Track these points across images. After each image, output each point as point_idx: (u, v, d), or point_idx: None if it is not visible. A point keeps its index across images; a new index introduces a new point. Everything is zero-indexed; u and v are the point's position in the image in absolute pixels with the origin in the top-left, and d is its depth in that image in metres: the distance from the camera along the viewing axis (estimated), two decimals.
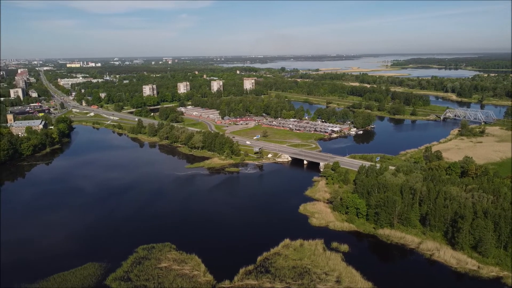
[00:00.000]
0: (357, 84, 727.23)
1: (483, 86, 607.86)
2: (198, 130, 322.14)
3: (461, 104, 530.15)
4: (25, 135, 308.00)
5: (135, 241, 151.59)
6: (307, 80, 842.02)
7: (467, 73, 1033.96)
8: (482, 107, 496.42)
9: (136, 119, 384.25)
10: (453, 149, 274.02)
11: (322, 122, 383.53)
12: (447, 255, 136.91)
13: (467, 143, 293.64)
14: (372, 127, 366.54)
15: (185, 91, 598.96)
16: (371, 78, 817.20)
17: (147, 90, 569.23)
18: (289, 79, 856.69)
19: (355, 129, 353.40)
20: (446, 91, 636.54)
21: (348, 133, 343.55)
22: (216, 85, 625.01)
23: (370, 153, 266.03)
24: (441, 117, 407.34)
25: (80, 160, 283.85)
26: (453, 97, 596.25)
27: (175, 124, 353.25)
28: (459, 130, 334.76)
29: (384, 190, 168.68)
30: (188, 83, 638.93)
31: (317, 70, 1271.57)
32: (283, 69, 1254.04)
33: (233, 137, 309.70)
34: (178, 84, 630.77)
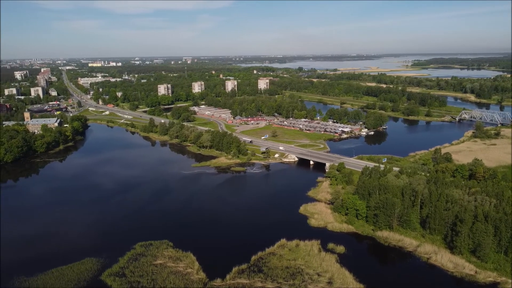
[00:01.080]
0: (373, 84, 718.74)
1: (504, 87, 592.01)
2: (207, 129, 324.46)
3: (479, 105, 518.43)
4: (41, 132, 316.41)
5: (134, 237, 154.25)
6: (323, 80, 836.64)
7: (490, 73, 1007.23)
8: (501, 108, 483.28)
9: (149, 118, 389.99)
10: (465, 151, 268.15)
11: (334, 122, 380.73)
12: (444, 259, 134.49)
13: (480, 145, 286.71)
14: (384, 128, 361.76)
15: (200, 90, 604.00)
16: (389, 78, 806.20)
17: (162, 89, 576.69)
18: (305, 79, 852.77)
19: (366, 129, 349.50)
20: (465, 92, 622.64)
21: (358, 134, 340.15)
22: (230, 85, 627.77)
23: (379, 154, 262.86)
24: (457, 119, 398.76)
25: (90, 158, 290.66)
26: (472, 98, 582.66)
27: (186, 123, 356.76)
28: (473, 132, 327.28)
29: (384, 192, 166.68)
30: (202, 83, 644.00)
31: (335, 70, 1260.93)
32: (300, 69, 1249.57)
33: (241, 137, 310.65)
34: (193, 83, 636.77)
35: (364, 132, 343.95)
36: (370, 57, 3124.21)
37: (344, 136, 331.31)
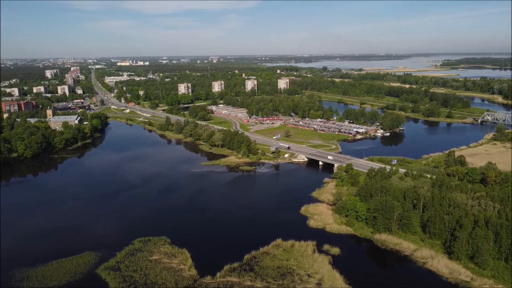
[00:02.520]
0: (397, 84, 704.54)
1: None
2: (220, 128, 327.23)
3: (507, 107, 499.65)
4: (61, 129, 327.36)
5: (134, 233, 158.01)
6: (346, 80, 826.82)
7: None
8: None
9: (168, 117, 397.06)
10: (481, 154, 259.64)
11: (350, 123, 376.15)
12: (441, 264, 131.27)
13: (499, 149, 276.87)
14: (401, 129, 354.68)
15: (220, 89, 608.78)
16: (414, 78, 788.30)
17: (182, 88, 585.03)
18: (328, 79, 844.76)
19: (382, 130, 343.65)
20: (493, 93, 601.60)
21: (374, 135, 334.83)
22: (250, 84, 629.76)
23: (391, 156, 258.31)
24: (479, 120, 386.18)
25: (104, 155, 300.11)
26: (500, 99, 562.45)
27: (202, 122, 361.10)
28: (494, 135, 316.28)
29: (386, 194, 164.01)
30: (222, 82, 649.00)
31: (360, 69, 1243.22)
32: (324, 68, 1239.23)
33: (252, 137, 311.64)
34: (213, 83, 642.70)
35: (379, 133, 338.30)
36: (399, 56, 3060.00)
37: (359, 137, 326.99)
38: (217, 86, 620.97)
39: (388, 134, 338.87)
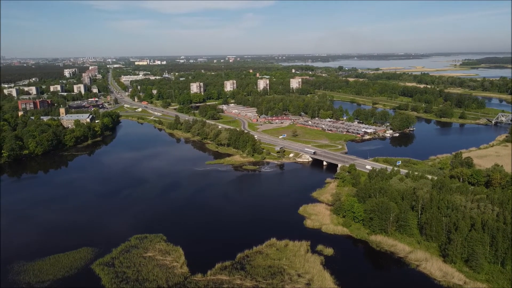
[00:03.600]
0: (413, 84, 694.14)
1: None
2: (228, 127, 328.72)
3: None
4: (73, 127, 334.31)
5: (132, 230, 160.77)
6: (361, 79, 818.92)
7: None
8: None
9: (178, 116, 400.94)
10: (491, 156, 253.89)
11: (359, 123, 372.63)
12: (434, 267, 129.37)
13: (510, 151, 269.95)
14: (411, 130, 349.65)
15: (232, 89, 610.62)
16: (430, 78, 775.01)
17: (194, 87, 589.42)
18: (342, 78, 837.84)
19: (391, 131, 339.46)
20: (511, 93, 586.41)
21: (383, 135, 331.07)
22: (262, 84, 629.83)
23: (397, 157, 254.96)
24: (493, 121, 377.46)
25: (112, 153, 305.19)
26: None
27: (210, 121, 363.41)
28: (506, 136, 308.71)
29: (383, 195, 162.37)
30: (234, 81, 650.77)
31: (377, 69, 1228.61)
32: (340, 68, 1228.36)
33: (259, 136, 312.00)
34: (225, 82, 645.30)
35: (388, 133, 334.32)
36: (418, 56, 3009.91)
37: (367, 137, 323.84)
38: (229, 86, 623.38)
39: (397, 134, 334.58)
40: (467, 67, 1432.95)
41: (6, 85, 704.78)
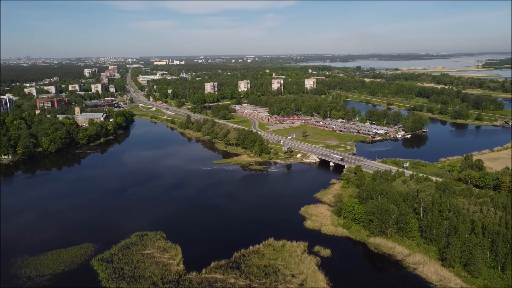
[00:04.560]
0: (431, 85, 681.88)
1: None
2: (237, 127, 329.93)
3: None
4: (86, 126, 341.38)
5: (134, 227, 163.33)
6: (378, 80, 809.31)
7: None
8: None
9: (189, 115, 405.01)
10: (503, 159, 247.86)
11: (371, 124, 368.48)
12: (431, 271, 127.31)
13: None
14: (423, 131, 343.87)
15: (245, 89, 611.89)
16: (449, 79, 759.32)
17: (208, 87, 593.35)
18: (359, 78, 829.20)
19: (403, 132, 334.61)
20: None
21: (394, 137, 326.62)
22: (276, 84, 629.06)
23: (406, 158, 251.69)
24: (510, 123, 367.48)
25: (123, 151, 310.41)
26: None
27: (221, 121, 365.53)
28: None
29: (384, 197, 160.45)
30: (249, 81, 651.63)
31: (396, 69, 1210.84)
32: (358, 68, 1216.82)
33: (268, 136, 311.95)
34: (239, 82, 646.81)
35: (400, 134, 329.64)
36: (440, 56, 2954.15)
37: (378, 138, 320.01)
38: (243, 85, 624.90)
39: (409, 136, 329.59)
40: (489, 67, 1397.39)
41: (27, 84, 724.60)
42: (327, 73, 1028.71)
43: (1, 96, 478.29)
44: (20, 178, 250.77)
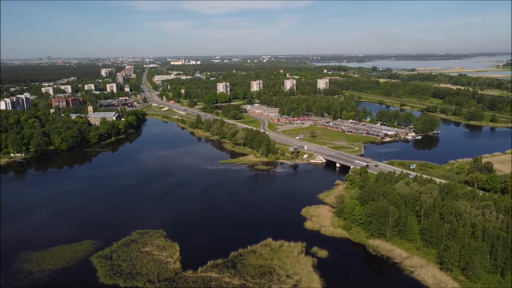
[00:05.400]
0: (446, 85, 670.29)
1: None
2: (245, 127, 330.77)
3: None
4: (98, 125, 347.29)
5: (135, 225, 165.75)
6: (394, 80, 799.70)
7: None
8: None
9: (201, 115, 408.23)
10: None
11: (382, 124, 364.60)
12: (428, 274, 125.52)
13: None
14: (435, 133, 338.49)
15: (258, 89, 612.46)
16: (467, 79, 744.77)
17: (220, 87, 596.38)
18: (374, 79, 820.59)
19: (413, 133, 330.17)
20: None
21: (404, 138, 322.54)
22: (289, 84, 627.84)
23: (414, 160, 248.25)
24: None
25: (132, 150, 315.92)
26: None
27: (230, 121, 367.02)
28: None
29: (385, 198, 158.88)
30: (261, 82, 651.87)
31: (413, 69, 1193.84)
32: (374, 68, 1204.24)
33: (275, 136, 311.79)
34: (251, 82, 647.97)
35: (410, 136, 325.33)
36: (460, 56, 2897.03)
37: (387, 139, 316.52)
38: (255, 86, 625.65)
39: (419, 137, 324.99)
40: (511, 67, 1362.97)
41: (46, 84, 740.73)
42: (342, 73, 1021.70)
43: (18, 95, 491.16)
44: (31, 175, 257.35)
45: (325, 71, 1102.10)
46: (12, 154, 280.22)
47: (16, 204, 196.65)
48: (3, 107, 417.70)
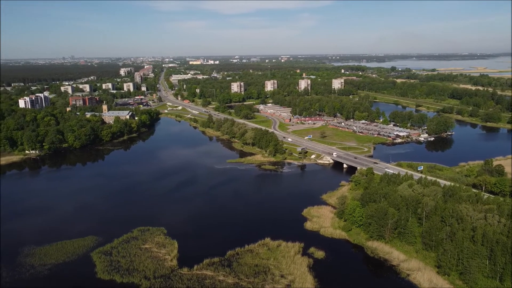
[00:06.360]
0: (465, 86, 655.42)
1: None
2: (255, 126, 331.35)
3: None
4: (112, 123, 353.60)
5: (138, 222, 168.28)
6: (412, 80, 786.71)
7: None
8: None
9: (213, 114, 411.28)
10: None
11: (394, 125, 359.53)
12: (424, 278, 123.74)
13: None
14: (449, 134, 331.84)
15: (272, 89, 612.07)
16: (488, 80, 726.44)
17: (234, 87, 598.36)
18: (391, 79, 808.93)
19: (426, 135, 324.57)
20: None
21: (416, 139, 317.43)
22: (303, 84, 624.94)
23: (423, 162, 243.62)
24: None
25: (144, 148, 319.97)
26: None
27: (241, 121, 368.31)
28: None
29: (386, 200, 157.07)
30: (275, 81, 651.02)
31: (433, 70, 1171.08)
32: (393, 68, 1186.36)
33: (283, 137, 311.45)
34: (266, 82, 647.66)
35: (422, 137, 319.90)
36: (484, 56, 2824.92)
37: (399, 140, 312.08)
38: (269, 85, 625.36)
39: (432, 139, 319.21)
40: None
41: (66, 83, 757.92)
42: (360, 73, 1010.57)
43: (37, 94, 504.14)
44: (45, 171, 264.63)
45: (342, 71, 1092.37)
46: (27, 151, 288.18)
47: (25, 199, 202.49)
48: (22, 105, 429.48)
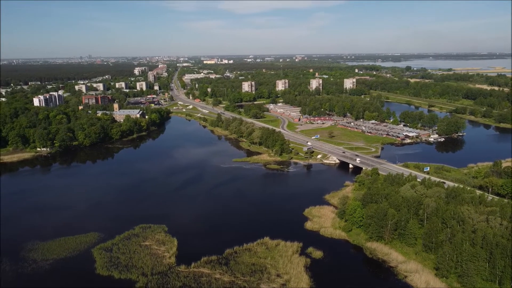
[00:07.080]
0: (481, 86, 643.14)
1: None
2: (263, 126, 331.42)
3: None
4: (122, 122, 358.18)
5: (140, 219, 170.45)
6: (427, 80, 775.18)
7: None
8: None
9: (222, 113, 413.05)
10: None
11: (404, 126, 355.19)
12: (421, 280, 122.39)
13: None
14: (460, 135, 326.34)
15: (283, 88, 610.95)
16: (504, 80, 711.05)
17: (245, 86, 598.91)
18: (406, 79, 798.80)
19: (436, 135, 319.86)
20: None
21: (426, 140, 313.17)
22: (315, 84, 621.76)
23: (430, 163, 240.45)
24: None
25: (152, 146, 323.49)
26: None
27: (250, 120, 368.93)
28: None
29: (387, 201, 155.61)
30: (287, 81, 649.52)
31: (449, 69, 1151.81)
32: (408, 68, 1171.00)
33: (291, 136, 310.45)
34: (277, 81, 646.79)
35: (432, 138, 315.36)
36: (503, 55, 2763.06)
37: (408, 141, 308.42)
38: (280, 85, 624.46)
39: (442, 139, 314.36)
40: None
41: (81, 82, 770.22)
42: (373, 73, 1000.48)
43: (52, 93, 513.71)
44: (55, 168, 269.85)
45: (356, 70, 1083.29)
46: (38, 149, 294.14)
47: (35, 196, 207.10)
48: (36, 103, 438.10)
